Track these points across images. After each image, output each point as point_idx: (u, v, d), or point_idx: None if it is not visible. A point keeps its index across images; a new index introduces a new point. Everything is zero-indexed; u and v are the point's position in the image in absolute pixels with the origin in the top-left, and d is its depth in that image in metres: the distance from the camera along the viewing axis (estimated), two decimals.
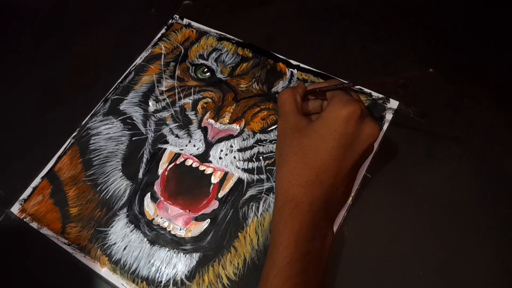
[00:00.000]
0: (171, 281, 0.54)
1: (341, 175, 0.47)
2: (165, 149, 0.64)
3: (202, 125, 0.64)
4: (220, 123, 0.63)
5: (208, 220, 0.58)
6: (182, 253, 0.56)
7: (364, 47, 0.72)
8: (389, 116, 0.63)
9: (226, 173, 0.60)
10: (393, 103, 0.64)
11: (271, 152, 0.61)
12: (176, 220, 0.58)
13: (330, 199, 0.48)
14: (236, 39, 0.75)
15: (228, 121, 0.63)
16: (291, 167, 0.47)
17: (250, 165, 0.60)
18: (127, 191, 0.61)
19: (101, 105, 0.70)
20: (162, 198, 0.60)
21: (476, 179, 0.57)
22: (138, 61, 0.75)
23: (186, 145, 0.63)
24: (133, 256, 0.57)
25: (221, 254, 0.55)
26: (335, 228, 0.55)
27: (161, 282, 0.54)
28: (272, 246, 0.46)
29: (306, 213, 0.44)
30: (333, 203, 0.50)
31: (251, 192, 0.59)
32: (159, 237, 0.57)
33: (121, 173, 0.63)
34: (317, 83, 0.56)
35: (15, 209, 0.62)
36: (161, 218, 0.58)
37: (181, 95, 0.68)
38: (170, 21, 0.79)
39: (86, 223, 0.60)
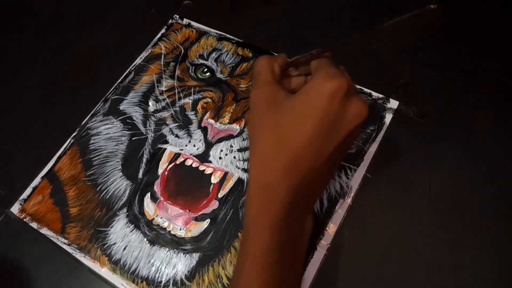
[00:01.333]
0: (171, 281, 0.54)
1: (322, 159, 0.41)
2: (165, 149, 0.64)
3: (202, 125, 0.64)
4: (220, 123, 0.63)
5: (208, 220, 0.58)
6: (182, 253, 0.56)
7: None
8: (389, 116, 0.63)
9: (226, 173, 0.60)
10: (393, 103, 0.64)
11: None
12: (176, 220, 0.58)
13: (309, 184, 0.42)
14: (236, 39, 0.74)
15: (228, 121, 0.63)
16: (266, 147, 0.41)
17: None
18: (127, 191, 0.61)
19: (101, 105, 0.70)
20: (162, 198, 0.60)
21: (476, 179, 0.57)
22: (138, 61, 0.75)
23: (186, 145, 0.63)
24: (133, 256, 0.57)
25: (221, 254, 0.55)
26: (335, 228, 0.55)
27: (161, 282, 0.54)
28: (245, 236, 0.42)
29: (282, 199, 0.40)
30: (312, 189, 0.44)
31: None
32: (159, 237, 0.57)
33: (121, 173, 0.63)
34: (301, 55, 0.48)
35: (15, 209, 0.62)
36: (161, 218, 0.58)
37: (181, 95, 0.68)
38: (170, 21, 0.79)
39: (86, 223, 0.60)
